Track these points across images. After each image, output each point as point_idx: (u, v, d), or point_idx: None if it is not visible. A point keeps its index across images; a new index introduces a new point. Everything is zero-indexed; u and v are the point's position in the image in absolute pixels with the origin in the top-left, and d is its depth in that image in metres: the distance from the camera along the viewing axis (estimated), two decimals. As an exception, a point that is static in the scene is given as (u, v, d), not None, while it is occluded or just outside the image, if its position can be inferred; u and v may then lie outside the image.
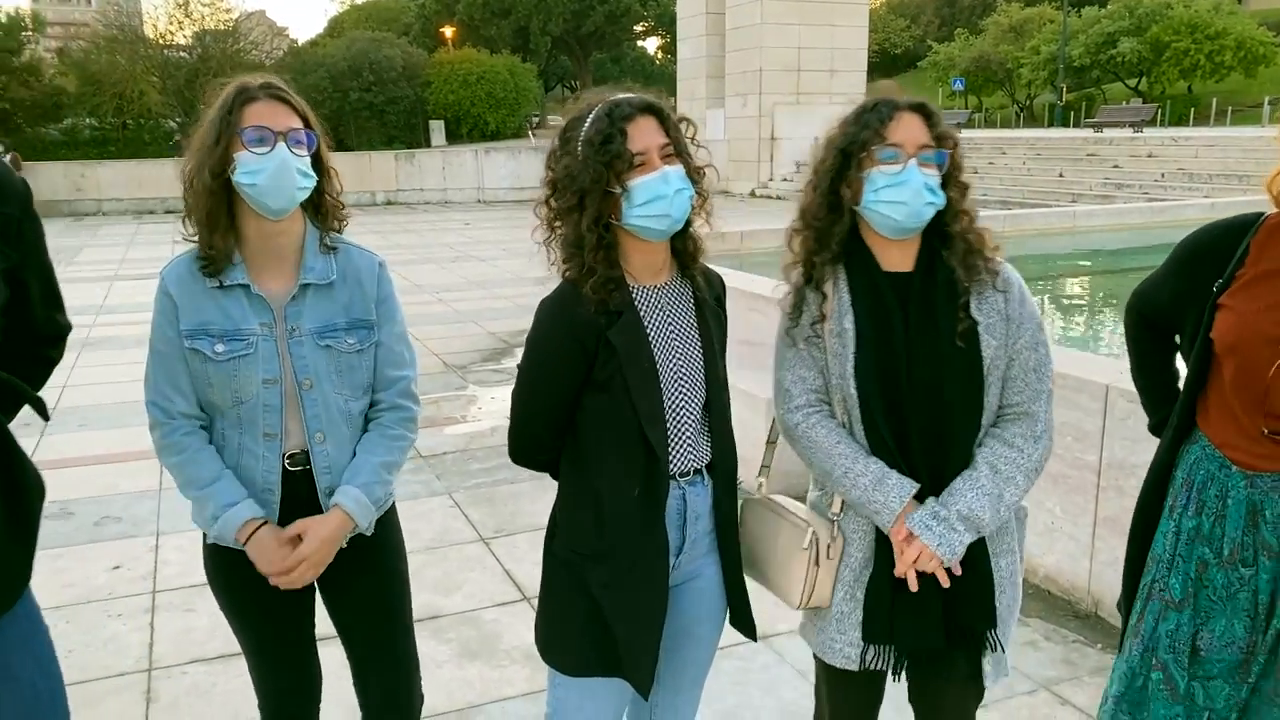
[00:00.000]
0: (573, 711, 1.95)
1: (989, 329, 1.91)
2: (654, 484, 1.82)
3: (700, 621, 2.03)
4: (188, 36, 36.63)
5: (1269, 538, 1.90)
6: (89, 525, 4.71)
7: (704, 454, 1.93)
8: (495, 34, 46.05)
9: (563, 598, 1.92)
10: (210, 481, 1.94)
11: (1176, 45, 39.70)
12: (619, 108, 1.74)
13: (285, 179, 1.88)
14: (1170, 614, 1.99)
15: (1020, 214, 12.53)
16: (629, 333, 1.80)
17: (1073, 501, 3.73)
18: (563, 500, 1.95)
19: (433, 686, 3.25)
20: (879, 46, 53.36)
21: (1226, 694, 1.95)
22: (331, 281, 2.01)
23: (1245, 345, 1.87)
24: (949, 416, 1.91)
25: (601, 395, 1.80)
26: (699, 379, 1.90)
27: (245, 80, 1.94)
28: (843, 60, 27.23)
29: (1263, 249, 1.92)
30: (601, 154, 1.71)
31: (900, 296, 1.93)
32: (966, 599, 1.95)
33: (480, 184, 28.12)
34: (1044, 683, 3.25)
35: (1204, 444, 1.99)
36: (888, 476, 1.91)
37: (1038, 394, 1.96)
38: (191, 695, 3.22)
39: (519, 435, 1.93)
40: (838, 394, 1.97)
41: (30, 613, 1.67)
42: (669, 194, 1.74)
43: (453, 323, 9.84)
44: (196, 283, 1.94)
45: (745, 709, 3.10)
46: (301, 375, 1.97)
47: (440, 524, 4.69)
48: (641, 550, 1.84)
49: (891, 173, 1.85)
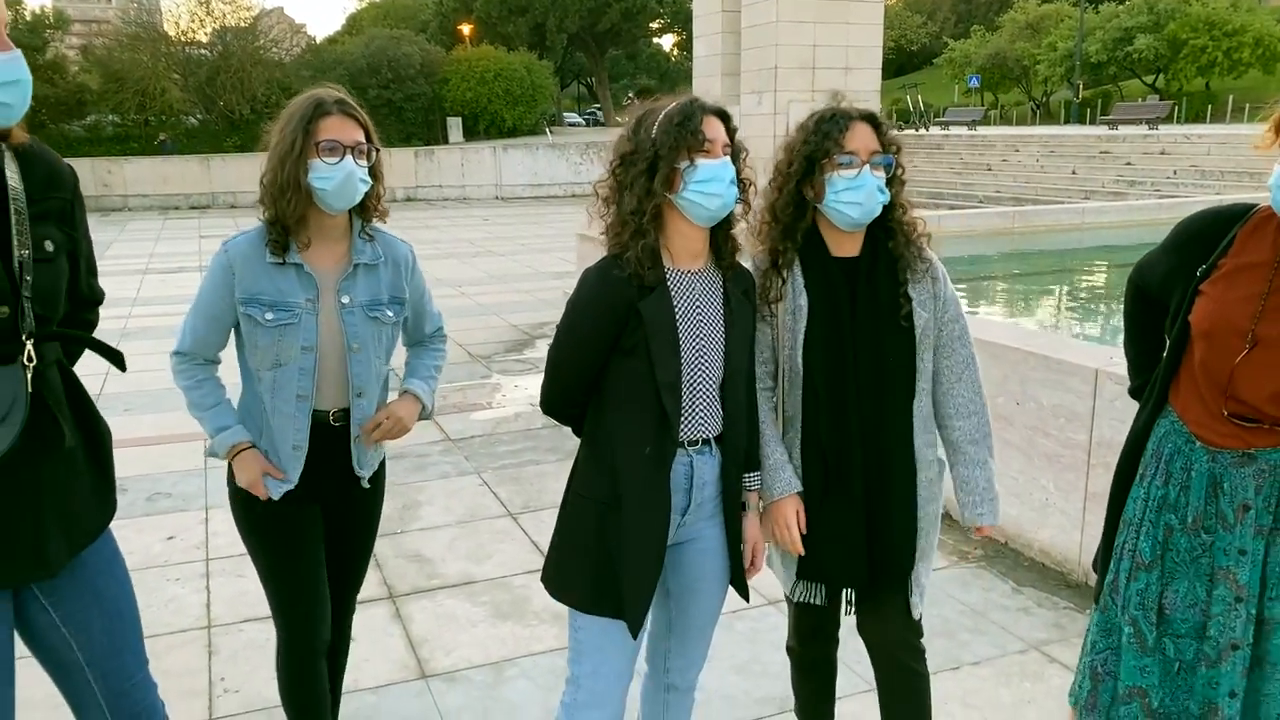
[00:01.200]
0: (592, 651, 2.18)
1: (921, 304, 2.24)
2: (663, 446, 2.06)
3: (704, 579, 2.27)
4: (208, 34, 36.96)
5: (1226, 509, 2.07)
6: (142, 500, 5.02)
7: (714, 427, 2.16)
8: (512, 31, 46.30)
9: (574, 539, 2.17)
10: (211, 406, 2.34)
11: (1194, 42, 39.53)
12: (699, 101, 2.04)
13: (349, 186, 2.24)
14: (1140, 574, 2.17)
15: (1029, 210, 12.69)
16: (658, 306, 2.03)
17: (1065, 479, 3.98)
18: (583, 451, 2.20)
19: (468, 643, 3.56)
20: (895, 43, 53.36)
21: (1195, 649, 2.13)
22: (379, 263, 2.39)
23: (1217, 333, 2.02)
24: (889, 377, 2.23)
25: (627, 361, 2.04)
26: (718, 359, 2.12)
27: (321, 95, 2.26)
28: (858, 58, 27.22)
29: (1246, 241, 2.05)
30: (681, 130, 1.98)
31: (849, 278, 2.23)
32: (891, 541, 2.27)
33: (499, 180, 28.40)
34: (1034, 644, 3.50)
35: (1173, 419, 2.16)
36: (783, 469, 2.26)
37: (965, 360, 2.31)
38: (249, 649, 3.52)
39: (550, 387, 2.19)
40: (786, 364, 2.26)
41: (110, 541, 2.02)
42: (725, 179, 2.01)
43: (476, 315, 10.13)
44: (259, 257, 2.27)
45: (756, 663, 3.37)
46: (352, 340, 2.32)
47: (471, 500, 4.98)
48: (646, 504, 2.07)
49: (849, 177, 2.14)
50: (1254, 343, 1.97)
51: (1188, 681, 2.15)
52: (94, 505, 1.92)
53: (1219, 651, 2.10)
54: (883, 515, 2.25)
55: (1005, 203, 18.11)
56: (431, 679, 3.32)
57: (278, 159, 2.23)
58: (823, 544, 2.26)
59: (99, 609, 1.95)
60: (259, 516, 2.37)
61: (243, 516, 2.40)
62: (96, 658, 1.95)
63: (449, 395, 6.98)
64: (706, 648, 2.41)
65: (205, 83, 34.08)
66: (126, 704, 2.03)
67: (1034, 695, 3.19)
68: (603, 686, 2.19)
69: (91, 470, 1.91)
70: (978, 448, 2.32)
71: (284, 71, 33.86)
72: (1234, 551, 2.07)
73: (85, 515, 1.90)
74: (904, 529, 2.28)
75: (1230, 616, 2.08)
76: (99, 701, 1.98)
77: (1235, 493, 2.06)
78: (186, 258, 15.54)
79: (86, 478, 1.89)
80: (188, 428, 6.40)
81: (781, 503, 2.25)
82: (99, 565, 1.95)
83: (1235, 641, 2.07)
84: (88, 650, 1.94)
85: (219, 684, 3.31)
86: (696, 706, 2.50)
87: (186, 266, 14.42)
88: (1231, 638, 2.08)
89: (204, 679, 3.34)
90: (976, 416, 2.32)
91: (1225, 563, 2.08)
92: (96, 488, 1.93)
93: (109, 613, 1.97)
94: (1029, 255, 10.63)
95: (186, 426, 6.41)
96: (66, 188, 1.87)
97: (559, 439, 5.72)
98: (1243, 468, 2.05)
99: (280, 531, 2.39)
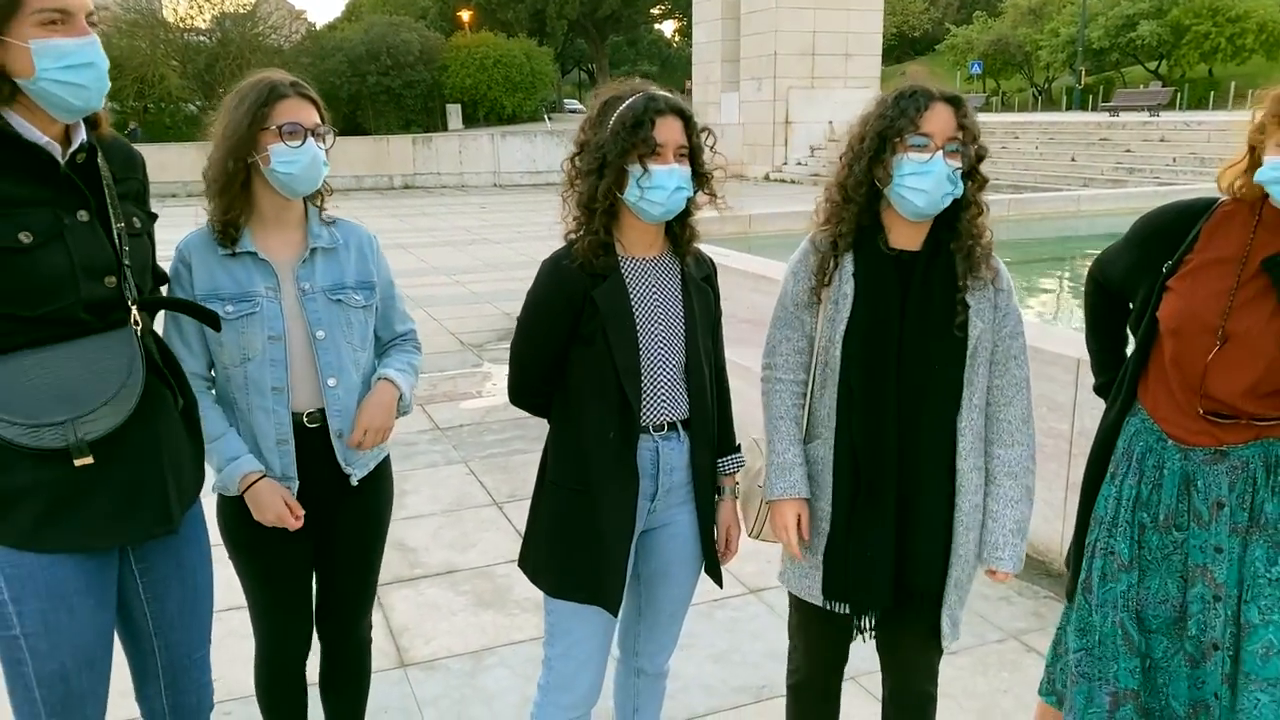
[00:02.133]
0: (563, 634, 2.21)
1: (978, 313, 2.07)
2: (628, 431, 2.08)
3: (675, 564, 2.28)
4: (207, 20, 36.83)
5: (1200, 506, 2.07)
6: (129, 489, 5.02)
7: (680, 410, 2.16)
8: (512, 17, 46.15)
9: (545, 524, 2.19)
10: (217, 436, 2.16)
11: (1197, 28, 39.33)
12: (655, 101, 2.00)
13: (314, 170, 2.16)
14: (1121, 575, 2.16)
15: (1025, 198, 12.68)
16: (612, 293, 2.05)
17: (1046, 468, 3.96)
18: (552, 439, 2.21)
19: (449, 632, 3.57)
20: (897, 29, 53.09)
21: (1165, 646, 2.13)
22: (336, 247, 2.29)
23: (1186, 330, 2.02)
24: (933, 386, 2.06)
25: (586, 349, 2.06)
26: (678, 343, 2.13)
27: (274, 77, 2.18)
28: (858, 44, 27.24)
29: (1212, 236, 2.04)
30: (630, 134, 1.96)
31: (903, 273, 2.07)
32: (918, 564, 2.12)
33: (497, 168, 28.32)
34: (1013, 633, 3.51)
35: (1143, 417, 2.15)
36: (791, 470, 2.15)
37: (1019, 382, 2.13)
38: (231, 637, 3.51)
39: (514, 379, 2.22)
40: (822, 356, 2.13)
41: (199, 514, 2.08)
42: (669, 188, 1.98)
43: (469, 303, 10.12)
44: (210, 251, 2.17)
45: (736, 652, 3.38)
46: (315, 327, 2.20)
47: (457, 489, 4.99)
48: (614, 487, 2.09)
49: (919, 161, 1.98)
50: (1225, 339, 1.97)
51: (1162, 679, 2.14)
52: (194, 465, 2.01)
53: (1202, 651, 2.10)
54: (912, 535, 2.10)
55: (1003, 190, 18.05)
56: (410, 668, 3.33)
57: (229, 145, 2.13)
58: (849, 561, 2.13)
59: (179, 580, 2.03)
60: (249, 547, 2.28)
61: (234, 546, 2.30)
62: (164, 628, 2.02)
63: (439, 384, 6.98)
64: (677, 633, 2.42)
65: (204, 70, 34.01)
66: (184, 680, 2.09)
67: (1010, 684, 3.20)
68: (573, 669, 2.22)
69: (190, 433, 1.99)
70: (1015, 483, 2.12)
71: (283, 58, 33.68)
72: (1209, 549, 2.06)
73: (189, 475, 1.99)
74: (930, 552, 2.12)
75: (1210, 615, 2.07)
76: (158, 673, 2.05)
77: (1209, 490, 2.06)
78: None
79: (187, 438, 1.98)
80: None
81: (783, 505, 2.16)
82: (188, 536, 2.02)
83: (1216, 642, 2.07)
84: (159, 619, 2.01)
85: (199, 672, 3.32)
86: (674, 694, 2.52)
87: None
88: (1213, 637, 2.07)
89: (184, 667, 3.35)
90: (1021, 448, 2.13)
91: (1201, 560, 2.08)
92: (195, 448, 2.02)
93: (187, 585, 2.05)
94: (1023, 243, 10.61)
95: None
96: (141, 171, 2.04)
97: (547, 428, 5.71)
98: (1215, 464, 2.05)
99: (264, 549, 2.28)
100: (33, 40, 1.67)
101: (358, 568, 2.45)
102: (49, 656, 1.83)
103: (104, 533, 1.84)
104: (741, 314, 5.73)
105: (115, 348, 1.80)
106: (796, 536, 2.15)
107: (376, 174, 26.56)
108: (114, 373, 1.78)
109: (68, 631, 1.84)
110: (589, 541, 2.11)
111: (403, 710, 3.11)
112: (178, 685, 2.08)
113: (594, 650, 2.22)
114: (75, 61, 1.71)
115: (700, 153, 2.07)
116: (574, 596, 2.15)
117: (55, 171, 1.76)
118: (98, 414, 1.75)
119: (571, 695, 2.23)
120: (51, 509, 1.78)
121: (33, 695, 1.86)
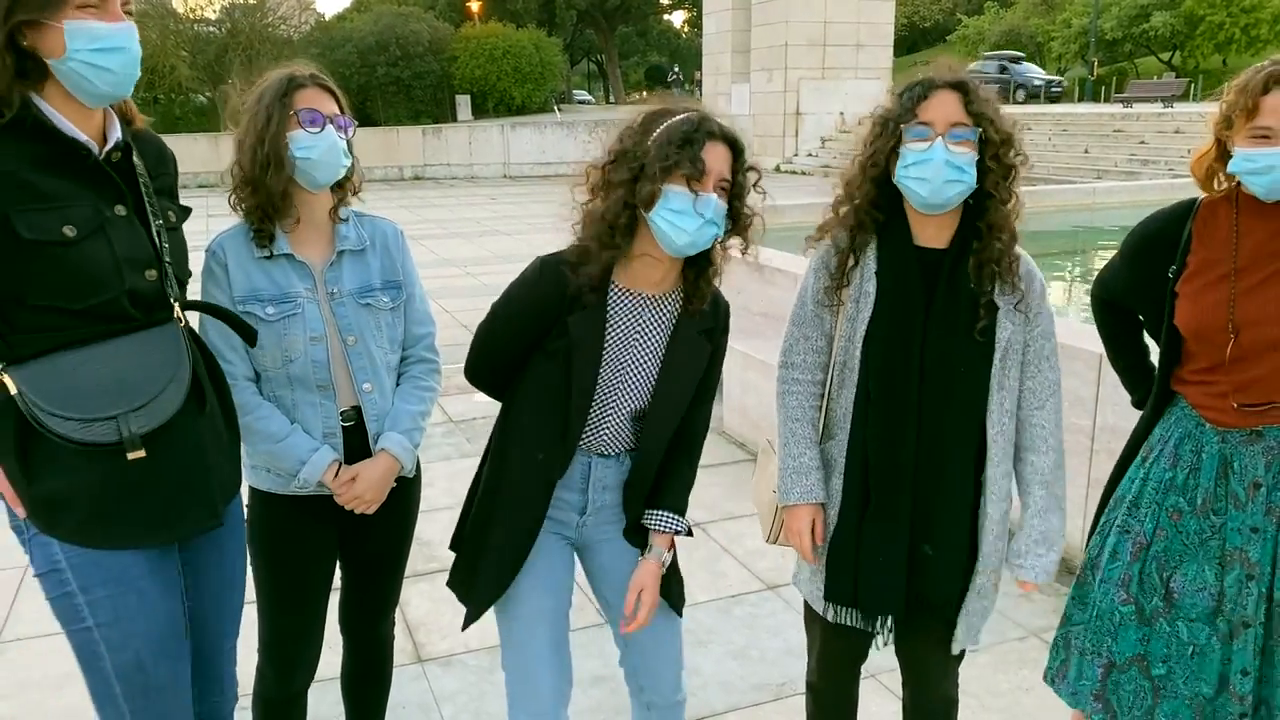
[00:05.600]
0: (507, 640, 2.14)
1: (1007, 315, 1.99)
2: (555, 456, 2.02)
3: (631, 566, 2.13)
4: (216, 11, 36.88)
5: (1237, 489, 2.09)
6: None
7: (621, 448, 2.09)
8: (521, 8, 45.98)
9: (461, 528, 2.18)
10: (286, 435, 2.14)
11: (1211, 18, 38.98)
12: (709, 123, 1.88)
13: (333, 156, 2.13)
14: (1141, 554, 2.18)
15: (1039, 190, 12.59)
16: (587, 325, 1.95)
17: (1068, 464, 3.87)
18: (493, 435, 2.16)
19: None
20: (908, 20, 52.80)
21: (1206, 634, 2.13)
22: (364, 248, 2.25)
23: (1202, 330, 2.07)
24: (956, 390, 2.00)
25: (547, 362, 1.99)
26: (643, 388, 2.04)
27: (293, 70, 2.17)
28: (869, 35, 27.05)
29: (1202, 234, 2.11)
30: (677, 150, 1.83)
31: (928, 272, 2.00)
32: (936, 574, 2.05)
33: (506, 159, 28.28)
34: (1034, 630, 3.48)
35: (1183, 404, 2.18)
36: (806, 474, 2.09)
37: (1051, 385, 2.06)
38: (252, 630, 3.52)
39: (471, 359, 2.15)
40: (840, 357, 2.06)
41: (239, 504, 2.11)
42: (701, 219, 1.85)
43: (480, 295, 10.06)
44: (247, 253, 2.15)
45: (754, 649, 3.36)
46: (346, 333, 2.18)
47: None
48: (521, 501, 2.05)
49: (919, 150, 1.92)
50: (1236, 331, 2.01)
51: (1201, 666, 2.15)
52: (232, 460, 2.04)
53: (1231, 628, 2.12)
54: (925, 541, 2.03)
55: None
56: (427, 663, 3.32)
57: (255, 137, 2.11)
58: (859, 565, 2.07)
59: (219, 569, 2.06)
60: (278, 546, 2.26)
61: (261, 544, 2.26)
62: (198, 617, 2.03)
63: (452, 376, 6.94)
64: (675, 657, 2.26)
65: (214, 60, 34.02)
66: (210, 668, 2.09)
67: (1032, 683, 3.17)
68: (526, 675, 2.11)
69: (229, 430, 2.01)
70: (1048, 493, 2.06)
71: (293, 49, 33.69)
72: (1246, 530, 2.09)
73: (230, 470, 2.02)
74: (949, 560, 2.06)
75: (1243, 594, 2.10)
76: None
77: (1245, 471, 2.09)
78: (194, 236, 15.49)
79: (226, 435, 1.99)
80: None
81: (797, 510, 2.10)
82: (229, 526, 2.04)
83: (1247, 619, 2.09)
84: (194, 608, 2.02)
85: (216, 666, 3.31)
86: (693, 692, 2.50)
87: (194, 245, 14.40)
88: (1243, 615, 2.10)
89: (201, 661, 3.34)
90: (1054, 454, 2.07)
91: (1239, 542, 2.10)
92: (233, 444, 2.03)
93: (225, 575, 2.09)
94: (1038, 235, 10.54)
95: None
96: (171, 166, 2.06)
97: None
98: (1252, 445, 2.08)
99: (288, 562, 2.26)
100: (66, 20, 1.67)
101: (387, 564, 2.43)
102: (123, 647, 1.83)
103: (159, 525, 1.85)
104: (755, 307, 5.70)
105: (163, 343, 1.82)
106: (810, 542, 2.10)
107: (386, 165, 26.53)
108: (163, 367, 1.80)
109: (139, 617, 1.83)
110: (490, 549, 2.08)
111: (420, 706, 3.10)
112: (204, 674, 2.07)
113: (541, 648, 2.10)
114: (107, 45, 1.71)
115: (743, 193, 1.96)
116: (456, 592, 2.16)
117: (93, 166, 1.77)
118: (148, 408, 1.76)
119: (537, 703, 2.10)
120: (105, 506, 1.78)
121: (113, 691, 1.85)
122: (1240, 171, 1.98)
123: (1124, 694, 2.21)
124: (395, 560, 2.45)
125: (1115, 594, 2.21)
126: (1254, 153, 1.95)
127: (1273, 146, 1.92)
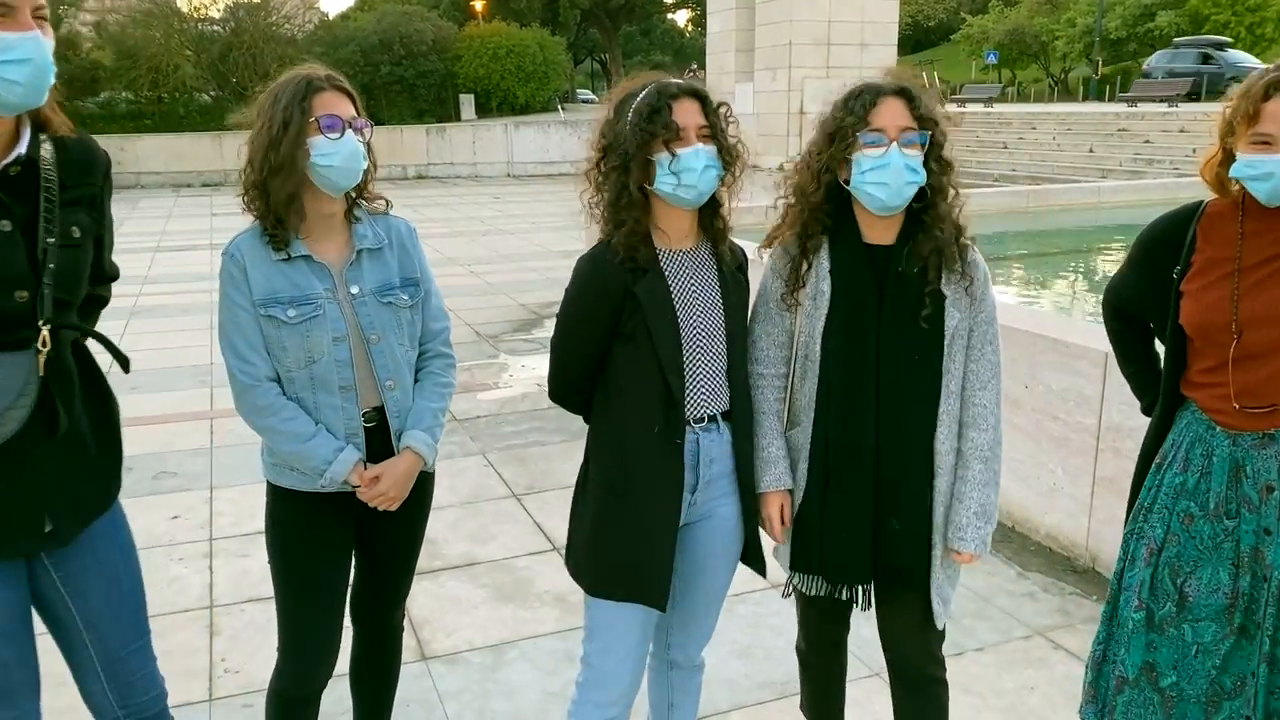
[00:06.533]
0: (602, 630, 2.21)
1: (955, 303, 2.11)
2: (671, 425, 2.07)
3: (714, 556, 2.27)
4: (221, 10, 36.87)
5: (1249, 492, 2.09)
6: (148, 479, 5.03)
7: (721, 403, 2.16)
8: (524, 7, 45.94)
9: (590, 526, 2.18)
10: (311, 436, 2.14)
11: (1216, 17, 38.89)
12: (668, 87, 2.00)
13: (354, 162, 2.12)
14: (1152, 559, 2.19)
15: (1044, 189, 12.55)
16: (653, 288, 2.04)
17: (1073, 463, 3.93)
18: (593, 438, 2.20)
19: (470, 625, 3.56)
20: (912, 19, 52.75)
21: (1214, 631, 2.14)
22: (381, 246, 2.26)
23: (1206, 330, 2.08)
24: (911, 376, 2.11)
25: (628, 345, 2.06)
26: (719, 335, 2.13)
27: (309, 72, 2.14)
28: (873, 34, 27.00)
29: (1208, 235, 2.11)
30: (648, 124, 1.97)
31: (879, 268, 2.12)
32: (899, 542, 2.16)
33: (510, 158, 28.27)
34: (1039, 630, 3.47)
35: (1193, 409, 2.18)
36: (775, 464, 2.22)
37: (993, 367, 2.17)
38: (250, 630, 3.52)
39: (555, 377, 2.21)
40: (802, 352, 2.18)
41: (116, 511, 2.07)
42: (698, 168, 1.98)
43: (484, 294, 10.09)
44: (264, 255, 2.13)
45: (758, 647, 3.36)
46: (369, 331, 2.19)
47: (475, 481, 4.97)
48: (657, 483, 2.09)
49: (875, 156, 2.02)
50: (1239, 331, 2.02)
51: (1205, 663, 2.15)
52: (101, 482, 1.99)
53: (1243, 626, 2.12)
54: (891, 515, 2.15)
55: (1021, 181, 17.90)
56: (431, 661, 3.32)
57: (268, 141, 2.08)
58: (821, 536, 2.20)
59: (98, 572, 2.01)
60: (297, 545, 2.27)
61: (281, 543, 2.28)
62: (93, 620, 2.00)
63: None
64: (712, 625, 2.40)
65: (218, 59, 33.98)
66: (122, 670, 2.06)
67: (1037, 682, 3.16)
68: (611, 665, 2.21)
69: (100, 448, 1.96)
70: (986, 467, 2.17)
71: (296, 48, 33.63)
72: (1260, 532, 2.09)
73: (92, 491, 1.97)
74: (914, 532, 2.16)
75: (1257, 596, 2.11)
76: (95, 666, 2.04)
77: (1258, 475, 2.09)
78: (198, 235, 15.54)
79: (94, 456, 1.94)
80: (194, 406, 6.45)
81: (767, 496, 2.23)
82: (101, 530, 2.00)
83: (1258, 621, 2.10)
84: (85, 612, 1.99)
85: (219, 664, 3.32)
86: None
87: (198, 244, 14.43)
88: (1256, 617, 2.10)
89: (205, 659, 3.35)
90: (993, 431, 2.18)
91: (1253, 543, 2.10)
92: (103, 466, 1.98)
93: (108, 577, 2.03)
94: (1044, 235, 10.53)
95: (193, 405, 6.46)
96: (98, 174, 1.95)
97: (565, 420, 5.68)
98: (1264, 449, 2.08)
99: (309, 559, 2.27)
100: None
101: (402, 556, 2.46)
102: None
103: None
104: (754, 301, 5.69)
105: (10, 367, 1.75)
106: (780, 525, 2.24)
107: (390, 164, 26.50)
108: (2, 394, 1.74)
109: None
110: (631, 539, 2.10)
111: (424, 704, 3.09)
112: (119, 679, 2.06)
113: (633, 645, 2.21)
114: (11, 57, 1.64)
115: (722, 132, 2.06)
116: (613, 594, 2.14)
117: None
118: None
119: (609, 692, 2.21)
120: None
121: None
122: (1242, 177, 1.99)
123: (1133, 714, 2.21)
124: (409, 552, 2.47)
125: (1132, 601, 2.21)
126: (1255, 159, 1.95)
127: (1273, 153, 1.92)
